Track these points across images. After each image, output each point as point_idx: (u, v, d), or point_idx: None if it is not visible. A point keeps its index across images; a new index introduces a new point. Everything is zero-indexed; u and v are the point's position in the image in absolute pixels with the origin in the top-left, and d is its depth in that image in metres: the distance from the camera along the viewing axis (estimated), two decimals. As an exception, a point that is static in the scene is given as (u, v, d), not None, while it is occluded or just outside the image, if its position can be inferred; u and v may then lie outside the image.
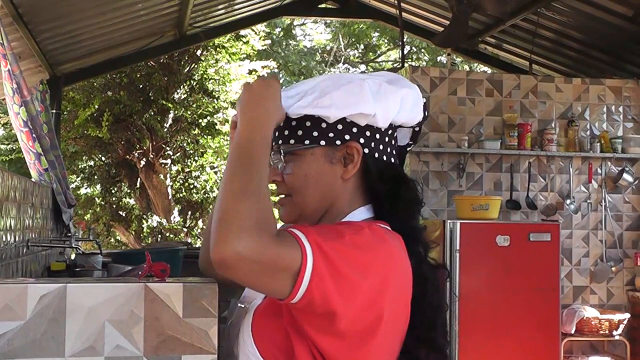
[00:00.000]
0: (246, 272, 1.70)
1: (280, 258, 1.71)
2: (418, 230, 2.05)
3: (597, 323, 8.02)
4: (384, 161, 2.04)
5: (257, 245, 1.67)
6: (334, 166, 2.00)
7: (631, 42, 8.95)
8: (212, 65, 14.28)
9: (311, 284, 1.72)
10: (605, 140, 8.58)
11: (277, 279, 1.72)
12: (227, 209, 1.73)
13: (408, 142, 2.19)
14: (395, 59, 21.08)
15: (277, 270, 1.71)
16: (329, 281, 1.73)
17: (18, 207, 4.65)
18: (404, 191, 2.05)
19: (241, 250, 1.66)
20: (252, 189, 1.76)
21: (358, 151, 1.99)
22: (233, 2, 9.75)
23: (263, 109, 1.92)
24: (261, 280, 1.74)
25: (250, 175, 1.79)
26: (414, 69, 8.52)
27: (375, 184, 2.03)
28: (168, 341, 1.94)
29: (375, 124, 2.01)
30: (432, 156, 8.35)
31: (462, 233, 7.42)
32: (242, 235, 1.67)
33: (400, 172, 2.09)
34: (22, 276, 4.70)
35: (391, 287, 1.86)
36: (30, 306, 1.90)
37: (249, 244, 1.67)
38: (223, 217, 1.72)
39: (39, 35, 7.32)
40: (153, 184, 14.43)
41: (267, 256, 1.69)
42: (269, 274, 1.71)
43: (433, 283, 2.03)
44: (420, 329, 1.98)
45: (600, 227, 8.65)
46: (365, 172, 2.02)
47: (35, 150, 5.90)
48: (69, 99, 12.95)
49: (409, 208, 2.05)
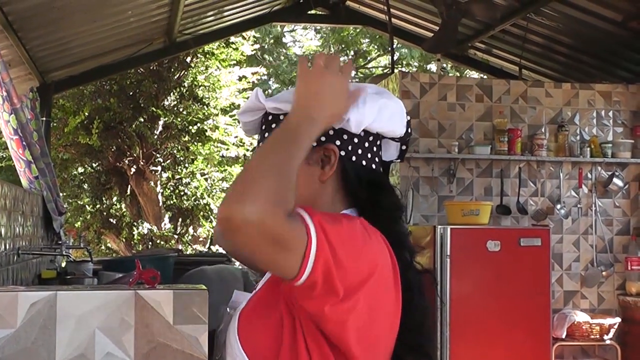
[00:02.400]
0: (248, 237, 1.68)
1: (286, 233, 1.70)
2: (403, 235, 2.05)
3: (588, 327, 8.03)
4: (362, 165, 2.04)
5: (268, 215, 1.66)
6: (312, 167, 2.00)
7: (621, 47, 8.98)
8: (202, 72, 14.27)
9: (315, 265, 1.73)
10: (595, 145, 8.59)
11: (279, 253, 1.72)
12: (253, 176, 1.72)
13: (394, 159, 2.19)
14: (385, 65, 21.08)
15: (279, 244, 1.71)
16: (331, 264, 1.74)
17: (8, 215, 4.64)
18: (384, 197, 2.04)
19: (250, 214, 1.64)
20: (285, 169, 1.76)
21: (335, 153, 1.99)
22: (222, 9, 9.75)
23: (332, 112, 1.91)
24: (262, 251, 1.72)
25: (289, 158, 1.78)
26: (404, 75, 8.52)
27: (355, 187, 2.02)
28: (158, 348, 1.94)
29: (349, 129, 2.00)
30: (422, 162, 8.35)
31: (453, 238, 7.42)
32: (256, 202, 1.65)
33: (380, 178, 2.08)
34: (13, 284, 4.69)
35: (378, 278, 1.86)
36: (21, 314, 1.90)
37: (261, 211, 1.65)
38: (245, 181, 1.72)
39: (29, 43, 7.31)
40: (143, 191, 14.40)
41: (274, 228, 1.68)
42: (270, 246, 1.70)
43: (419, 288, 2.03)
44: (408, 334, 1.99)
45: (591, 232, 8.66)
46: (344, 175, 2.02)
47: (26, 158, 5.90)
48: (59, 106, 12.93)
49: (391, 214, 2.05)
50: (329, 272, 1.74)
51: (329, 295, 1.76)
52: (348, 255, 1.78)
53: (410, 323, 1.99)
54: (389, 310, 1.93)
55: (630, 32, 8.30)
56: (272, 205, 1.67)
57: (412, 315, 1.99)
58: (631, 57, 9.22)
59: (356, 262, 1.80)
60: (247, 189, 1.68)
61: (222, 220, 1.68)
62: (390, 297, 1.93)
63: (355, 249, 1.81)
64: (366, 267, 1.83)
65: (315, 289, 1.75)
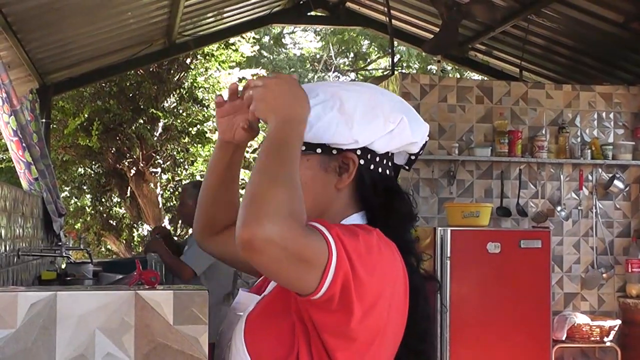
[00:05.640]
0: (272, 257, 1.66)
1: (308, 249, 1.69)
2: (411, 243, 2.05)
3: (588, 329, 8.03)
4: (378, 173, 2.03)
5: (289, 232, 1.65)
6: (328, 174, 1.99)
7: (622, 48, 8.98)
8: (201, 74, 14.30)
9: (335, 279, 1.71)
10: (596, 147, 8.58)
11: (301, 270, 1.70)
12: (262, 193, 1.71)
13: (403, 165, 2.18)
14: (386, 66, 21.10)
15: (302, 261, 1.69)
16: (350, 278, 1.73)
17: (8, 217, 4.64)
18: (398, 204, 2.03)
19: (272, 234, 1.63)
20: (287, 179, 1.75)
21: (354, 162, 1.98)
22: (222, 10, 9.76)
23: (299, 108, 1.91)
24: (284, 269, 1.71)
25: (285, 167, 1.77)
26: (404, 76, 8.52)
27: (369, 195, 2.01)
28: (159, 349, 1.94)
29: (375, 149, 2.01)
30: (422, 163, 8.34)
31: (453, 240, 7.41)
32: (275, 220, 1.64)
33: (395, 185, 2.08)
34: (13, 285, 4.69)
35: (392, 291, 1.86)
36: (21, 314, 1.89)
37: (282, 230, 1.64)
38: (256, 200, 1.70)
39: (29, 45, 7.31)
40: (143, 193, 14.42)
41: (296, 245, 1.67)
42: (294, 264, 1.69)
43: (424, 294, 2.03)
44: (411, 340, 1.98)
45: (591, 234, 8.65)
46: (359, 182, 2.01)
47: (25, 159, 5.90)
48: (58, 108, 12.95)
49: (403, 222, 2.04)
50: (348, 286, 1.73)
51: (344, 309, 1.75)
52: (366, 269, 1.77)
53: (415, 329, 1.99)
54: (398, 322, 1.93)
55: (632, 34, 8.30)
56: (290, 222, 1.66)
57: (418, 321, 1.99)
58: (632, 59, 9.21)
59: (372, 276, 1.79)
60: (260, 208, 1.67)
61: (244, 244, 1.66)
62: (400, 310, 1.92)
63: (371, 263, 1.80)
64: (381, 281, 1.82)
65: (332, 303, 1.74)
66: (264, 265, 1.71)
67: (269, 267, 1.73)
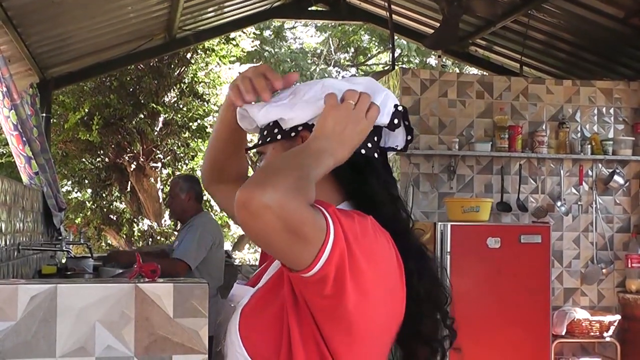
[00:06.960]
0: (267, 224, 1.64)
1: (307, 224, 1.67)
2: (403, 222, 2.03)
3: (588, 325, 8.03)
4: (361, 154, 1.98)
5: (289, 202, 1.63)
6: None
7: (622, 44, 8.97)
8: (202, 69, 14.30)
9: (330, 258, 1.70)
10: (596, 142, 8.58)
11: (296, 244, 1.69)
12: (277, 165, 1.73)
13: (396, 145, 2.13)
14: (386, 61, 21.08)
15: (299, 235, 1.67)
16: (345, 258, 1.72)
17: (9, 211, 4.64)
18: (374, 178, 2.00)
19: (270, 201, 1.61)
20: (306, 171, 1.74)
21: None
22: (223, 5, 9.76)
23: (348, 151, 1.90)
24: (278, 239, 1.68)
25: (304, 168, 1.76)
26: (405, 71, 8.52)
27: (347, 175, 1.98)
28: (159, 341, 1.94)
29: None
30: (422, 158, 8.34)
31: (453, 235, 7.42)
32: (278, 188, 1.62)
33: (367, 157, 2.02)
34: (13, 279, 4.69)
35: (386, 276, 1.86)
36: (21, 307, 1.89)
37: (282, 199, 1.62)
38: (268, 171, 1.71)
39: (29, 39, 7.31)
40: (144, 188, 14.43)
41: (295, 218, 1.65)
42: (290, 236, 1.67)
43: (420, 273, 1.99)
44: (406, 323, 1.96)
45: (591, 229, 8.66)
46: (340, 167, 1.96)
47: (26, 153, 5.91)
48: (59, 102, 12.96)
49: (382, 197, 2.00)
50: (342, 266, 1.72)
51: (338, 291, 1.74)
52: (361, 252, 1.76)
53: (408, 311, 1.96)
54: (394, 308, 1.92)
55: (632, 29, 8.30)
56: (294, 192, 1.65)
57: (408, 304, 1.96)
58: (632, 54, 9.21)
59: (368, 258, 1.78)
60: (269, 178, 1.66)
61: (240, 204, 1.64)
62: (397, 297, 1.92)
63: (368, 245, 1.79)
64: (377, 264, 1.82)
65: (327, 284, 1.73)
66: (257, 231, 1.68)
67: (262, 234, 1.69)
